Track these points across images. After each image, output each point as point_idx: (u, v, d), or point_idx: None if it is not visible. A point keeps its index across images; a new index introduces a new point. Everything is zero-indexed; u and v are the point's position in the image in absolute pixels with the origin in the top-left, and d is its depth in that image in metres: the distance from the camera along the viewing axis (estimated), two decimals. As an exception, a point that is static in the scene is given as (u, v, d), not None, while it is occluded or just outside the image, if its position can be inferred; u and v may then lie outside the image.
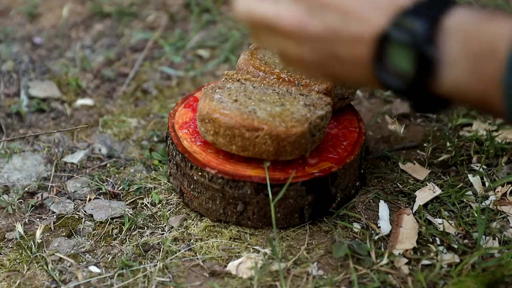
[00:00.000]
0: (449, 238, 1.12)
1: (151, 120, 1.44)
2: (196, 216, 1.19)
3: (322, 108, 1.12)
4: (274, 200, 1.09)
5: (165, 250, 1.12)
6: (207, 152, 1.15)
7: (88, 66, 1.62)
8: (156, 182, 1.27)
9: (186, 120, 1.22)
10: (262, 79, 1.19)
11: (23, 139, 1.39)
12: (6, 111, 1.46)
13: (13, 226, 1.18)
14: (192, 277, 1.08)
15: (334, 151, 1.16)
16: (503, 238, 1.12)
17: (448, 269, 1.07)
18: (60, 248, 1.13)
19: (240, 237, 1.14)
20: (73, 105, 1.50)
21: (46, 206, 1.23)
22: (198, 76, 1.58)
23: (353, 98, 1.25)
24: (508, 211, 1.17)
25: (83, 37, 1.74)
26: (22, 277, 1.08)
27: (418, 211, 1.18)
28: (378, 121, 1.41)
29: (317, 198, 1.13)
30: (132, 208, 1.21)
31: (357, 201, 1.20)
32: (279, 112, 1.10)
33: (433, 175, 1.26)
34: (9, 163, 1.32)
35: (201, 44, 1.69)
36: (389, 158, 1.30)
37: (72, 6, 1.85)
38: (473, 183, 1.23)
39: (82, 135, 1.40)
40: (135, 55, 1.66)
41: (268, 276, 1.07)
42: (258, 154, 1.09)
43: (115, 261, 1.11)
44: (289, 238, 1.14)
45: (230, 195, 1.12)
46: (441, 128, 1.39)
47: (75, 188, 1.26)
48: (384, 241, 1.12)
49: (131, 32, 1.74)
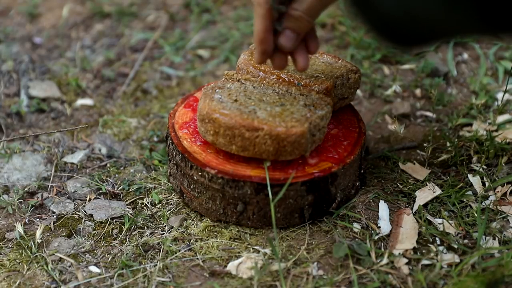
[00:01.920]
0: (449, 238, 1.12)
1: (151, 120, 1.44)
2: (196, 216, 1.19)
3: (322, 108, 1.12)
4: (274, 200, 1.09)
5: (165, 250, 1.12)
6: (207, 152, 1.15)
7: (88, 66, 1.62)
8: (156, 182, 1.27)
9: (186, 120, 1.22)
10: (262, 79, 1.19)
11: (23, 139, 1.39)
12: (6, 111, 1.46)
13: (13, 226, 1.18)
14: (192, 277, 1.08)
15: (334, 151, 1.16)
16: (503, 238, 1.12)
17: (448, 269, 1.07)
18: (60, 248, 1.13)
19: (240, 237, 1.14)
20: (73, 105, 1.50)
21: (46, 206, 1.23)
22: (198, 76, 1.58)
23: (353, 98, 1.25)
24: (508, 211, 1.17)
25: (83, 37, 1.74)
26: (22, 277, 1.08)
27: (418, 211, 1.18)
28: (378, 121, 1.41)
29: (317, 198, 1.14)
30: (132, 208, 1.21)
31: (357, 201, 1.20)
32: (279, 112, 1.10)
33: (433, 175, 1.26)
34: (9, 163, 1.32)
35: (201, 44, 1.69)
36: (389, 158, 1.30)
37: (72, 6, 1.85)
38: (473, 183, 1.23)
39: (82, 135, 1.40)
40: (135, 55, 1.66)
41: (268, 276, 1.07)
42: (258, 154, 1.09)
43: (115, 261, 1.11)
44: (289, 238, 1.14)
45: (230, 195, 1.12)
46: (441, 128, 1.39)
47: (75, 188, 1.26)
48: (384, 241, 1.12)
49: (131, 32, 1.75)
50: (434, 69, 1.53)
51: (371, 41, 1.61)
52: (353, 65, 1.24)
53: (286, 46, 1.02)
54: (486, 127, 1.35)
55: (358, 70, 1.22)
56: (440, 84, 1.48)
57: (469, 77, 1.54)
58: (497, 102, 1.42)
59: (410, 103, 1.46)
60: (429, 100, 1.47)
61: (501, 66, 1.54)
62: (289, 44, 1.02)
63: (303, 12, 1.00)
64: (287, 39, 1.02)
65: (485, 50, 1.61)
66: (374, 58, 1.58)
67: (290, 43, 1.02)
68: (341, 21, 1.72)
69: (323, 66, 1.23)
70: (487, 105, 1.44)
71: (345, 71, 1.21)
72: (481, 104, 1.41)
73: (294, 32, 1.02)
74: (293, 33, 1.02)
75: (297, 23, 1.01)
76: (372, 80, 1.52)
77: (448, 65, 1.57)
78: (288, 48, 1.03)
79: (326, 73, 1.20)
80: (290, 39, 1.02)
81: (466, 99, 1.48)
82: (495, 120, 1.36)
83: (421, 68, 1.53)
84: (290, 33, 1.02)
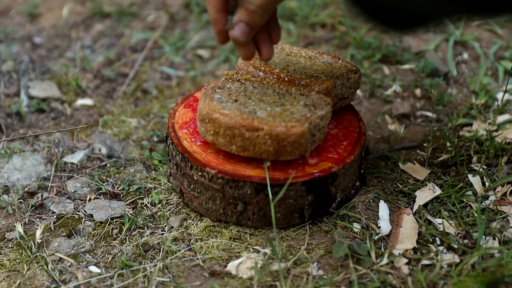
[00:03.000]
0: (449, 238, 1.12)
1: (151, 120, 1.44)
2: (196, 216, 1.19)
3: (322, 108, 1.12)
4: (274, 200, 1.09)
5: (165, 250, 1.12)
6: (207, 152, 1.15)
7: (88, 66, 1.62)
8: (156, 182, 1.27)
9: (186, 120, 1.22)
10: (262, 79, 1.19)
11: (23, 139, 1.39)
12: (6, 111, 1.46)
13: (13, 226, 1.18)
14: (192, 277, 1.08)
15: (334, 151, 1.16)
16: (503, 238, 1.12)
17: (448, 269, 1.07)
18: (60, 248, 1.13)
19: (240, 237, 1.14)
20: (73, 105, 1.50)
21: (46, 206, 1.23)
22: (198, 76, 1.58)
23: (353, 98, 1.25)
24: (508, 211, 1.17)
25: (83, 37, 1.74)
26: (22, 277, 1.08)
27: (418, 211, 1.18)
28: (378, 121, 1.41)
29: (317, 198, 1.14)
30: (132, 208, 1.21)
31: (357, 201, 1.20)
32: (279, 112, 1.10)
33: (433, 175, 1.26)
34: (9, 163, 1.32)
35: (201, 44, 1.69)
36: (389, 158, 1.30)
37: (72, 6, 1.85)
38: (473, 183, 1.23)
39: (82, 135, 1.40)
40: (135, 55, 1.66)
41: (268, 276, 1.07)
42: (258, 154, 1.09)
43: (115, 261, 1.11)
44: (289, 238, 1.14)
45: (230, 195, 1.12)
46: (441, 128, 1.39)
47: (75, 188, 1.26)
48: (384, 241, 1.12)
49: (131, 32, 1.75)
50: (434, 69, 1.53)
51: (371, 41, 1.61)
52: (353, 65, 1.24)
53: (239, 39, 1.02)
54: (486, 127, 1.35)
55: (358, 70, 1.22)
56: (440, 84, 1.48)
57: (469, 77, 1.54)
58: (497, 102, 1.42)
59: (410, 103, 1.46)
60: (429, 100, 1.47)
61: (501, 66, 1.54)
62: (242, 37, 1.02)
63: (257, 7, 1.00)
64: (240, 32, 1.02)
65: (485, 50, 1.61)
66: (374, 58, 1.58)
67: (243, 36, 1.02)
68: (341, 21, 1.72)
69: (323, 66, 1.23)
70: (487, 105, 1.44)
71: (345, 71, 1.21)
72: (481, 104, 1.41)
73: (247, 26, 1.01)
74: (247, 27, 1.01)
75: (251, 16, 1.01)
76: (372, 80, 1.52)
77: (448, 65, 1.57)
78: (241, 41, 1.03)
79: (326, 73, 1.20)
80: (243, 32, 1.02)
81: (466, 99, 1.48)
82: (495, 120, 1.36)
83: (421, 68, 1.53)
84: (244, 26, 1.01)
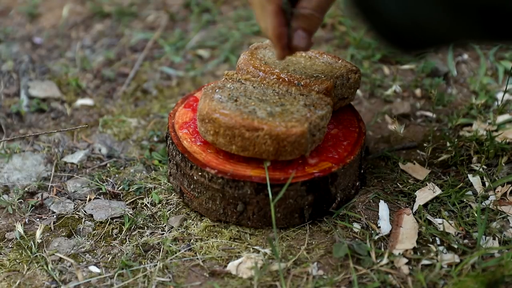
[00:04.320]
0: (449, 238, 1.12)
1: (151, 120, 1.44)
2: (196, 216, 1.19)
3: (322, 108, 1.12)
4: (274, 200, 1.09)
5: (165, 250, 1.12)
6: (207, 152, 1.15)
7: (88, 66, 1.62)
8: (156, 182, 1.27)
9: (186, 120, 1.22)
10: (262, 79, 1.19)
11: (23, 139, 1.39)
12: (6, 111, 1.46)
13: (13, 226, 1.18)
14: (192, 277, 1.08)
15: (334, 151, 1.16)
16: (503, 238, 1.12)
17: (448, 269, 1.07)
18: (60, 248, 1.13)
19: (240, 237, 1.14)
20: (73, 105, 1.50)
21: (46, 206, 1.23)
22: (198, 76, 1.58)
23: (353, 98, 1.25)
24: (508, 211, 1.17)
25: (83, 37, 1.74)
26: (22, 277, 1.08)
27: (418, 211, 1.18)
28: (378, 121, 1.41)
29: (317, 198, 1.13)
30: (132, 208, 1.21)
31: (357, 201, 1.20)
32: (279, 112, 1.10)
33: (433, 175, 1.26)
34: (9, 163, 1.32)
35: (201, 44, 1.69)
36: (389, 158, 1.30)
37: (72, 6, 1.85)
38: (473, 183, 1.23)
39: (82, 135, 1.40)
40: (135, 55, 1.66)
41: (268, 276, 1.07)
42: (258, 154, 1.09)
43: (115, 261, 1.11)
44: (289, 238, 1.14)
45: (230, 195, 1.12)
46: (441, 128, 1.39)
47: (75, 188, 1.26)
48: (384, 241, 1.12)
49: (131, 32, 1.74)
50: (434, 69, 1.53)
51: (371, 41, 1.61)
52: (353, 65, 1.24)
53: (301, 47, 1.01)
54: (486, 127, 1.35)
55: (358, 70, 1.22)
56: (440, 84, 1.48)
57: (469, 77, 1.54)
58: (497, 102, 1.42)
59: (410, 103, 1.46)
60: (429, 100, 1.47)
61: (501, 66, 1.54)
62: (303, 43, 1.01)
63: (313, 10, 0.99)
64: (301, 39, 1.01)
65: (485, 51, 1.61)
66: (374, 58, 1.58)
67: (304, 43, 1.01)
68: (341, 21, 1.72)
69: (323, 66, 1.23)
70: (487, 105, 1.44)
71: (345, 71, 1.21)
72: (481, 104, 1.41)
73: (306, 31, 1.00)
74: (305, 32, 1.00)
75: (308, 21, 1.00)
76: (372, 80, 1.52)
77: (448, 65, 1.56)
78: (303, 48, 1.01)
79: (326, 73, 1.20)
80: (304, 38, 1.01)
81: (466, 99, 1.48)
82: (495, 120, 1.36)
83: (421, 68, 1.53)
84: (303, 32, 1.00)
